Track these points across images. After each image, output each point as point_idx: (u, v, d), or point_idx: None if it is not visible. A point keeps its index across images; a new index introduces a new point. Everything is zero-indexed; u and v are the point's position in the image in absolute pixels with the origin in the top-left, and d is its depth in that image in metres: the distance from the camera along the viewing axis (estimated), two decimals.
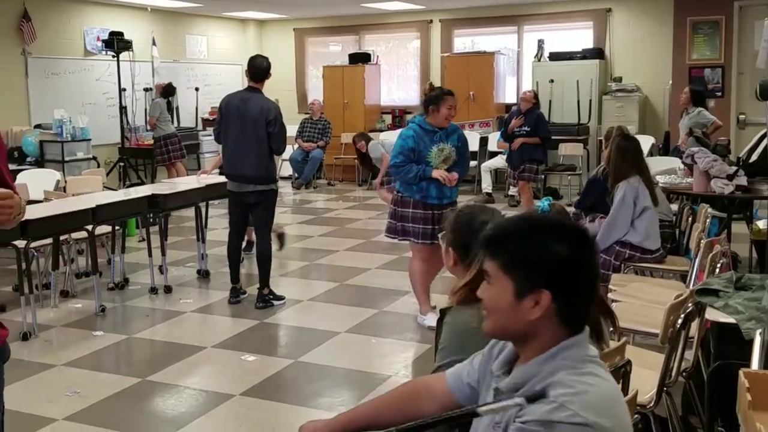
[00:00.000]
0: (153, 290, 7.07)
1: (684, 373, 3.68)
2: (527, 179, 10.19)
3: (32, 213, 6.22)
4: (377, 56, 14.69)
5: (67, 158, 10.58)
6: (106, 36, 11.35)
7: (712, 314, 3.42)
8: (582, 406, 1.66)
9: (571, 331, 1.78)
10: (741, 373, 2.28)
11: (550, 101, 12.50)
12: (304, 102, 15.24)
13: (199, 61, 14.56)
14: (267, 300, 6.59)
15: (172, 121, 12.20)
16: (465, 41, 14.45)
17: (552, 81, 12.30)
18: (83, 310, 6.60)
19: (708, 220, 5.59)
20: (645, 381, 3.29)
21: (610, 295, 4.73)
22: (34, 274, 6.68)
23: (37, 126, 11.01)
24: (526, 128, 10.09)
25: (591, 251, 1.81)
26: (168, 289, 7.11)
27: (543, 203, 2.86)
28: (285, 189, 12.88)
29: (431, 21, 14.40)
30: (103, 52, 11.61)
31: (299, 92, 15.64)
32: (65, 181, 8.55)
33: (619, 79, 12.67)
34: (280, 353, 5.62)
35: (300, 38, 15.69)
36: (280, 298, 6.69)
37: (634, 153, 5.58)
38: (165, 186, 8.13)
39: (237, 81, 14.64)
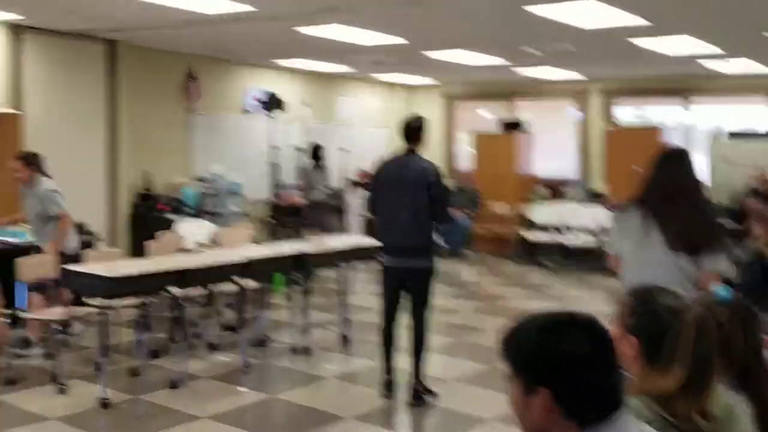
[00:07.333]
0: (294, 350, 7.00)
1: None
2: None
3: (188, 263, 6.31)
4: (530, 125, 14.13)
5: (220, 211, 10.80)
6: (262, 96, 11.58)
7: None
8: None
9: (582, 423, 1.73)
10: None
11: None
12: (452, 169, 15.10)
13: (347, 123, 14.71)
14: (420, 397, 5.73)
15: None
16: (625, 111, 13.88)
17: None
18: (229, 364, 6.61)
19: None
20: None
21: None
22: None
23: (200, 179, 11.33)
24: None
25: (598, 344, 1.75)
26: (306, 350, 6.99)
27: (723, 292, 2.64)
28: None
29: (587, 90, 13.99)
30: (259, 111, 11.84)
31: (448, 159, 15.50)
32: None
33: None
34: None
35: (449, 103, 15.64)
36: (434, 393, 5.85)
37: None
38: (311, 245, 7.66)
39: (384, 144, 14.68)
